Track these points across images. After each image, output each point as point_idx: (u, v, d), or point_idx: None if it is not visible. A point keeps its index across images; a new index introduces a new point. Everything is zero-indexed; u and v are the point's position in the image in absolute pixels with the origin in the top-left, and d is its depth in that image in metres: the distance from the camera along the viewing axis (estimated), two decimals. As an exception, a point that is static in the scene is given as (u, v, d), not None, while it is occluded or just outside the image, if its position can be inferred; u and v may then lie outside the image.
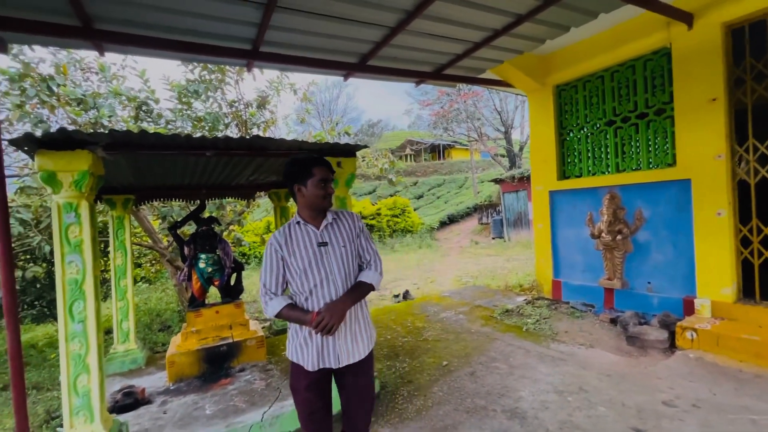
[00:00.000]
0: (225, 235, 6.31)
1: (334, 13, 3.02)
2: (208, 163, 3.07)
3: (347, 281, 1.84)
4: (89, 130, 4.70)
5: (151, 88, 5.48)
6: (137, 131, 2.28)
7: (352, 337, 1.86)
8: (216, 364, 3.79)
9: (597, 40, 4.81)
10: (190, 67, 5.52)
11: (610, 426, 2.60)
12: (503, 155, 24.29)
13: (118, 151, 2.41)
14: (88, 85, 5.32)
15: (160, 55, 3.41)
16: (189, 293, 4.26)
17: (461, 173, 32.21)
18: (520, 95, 7.53)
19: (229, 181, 4.01)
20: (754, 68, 3.76)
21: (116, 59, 7.56)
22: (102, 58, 4.96)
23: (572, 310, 5.01)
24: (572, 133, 5.44)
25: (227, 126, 6.10)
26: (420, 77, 4.52)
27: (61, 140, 2.18)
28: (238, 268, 4.37)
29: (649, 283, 4.56)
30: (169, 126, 5.66)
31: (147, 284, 8.83)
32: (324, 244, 1.83)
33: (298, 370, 1.86)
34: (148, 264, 8.23)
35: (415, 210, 22.04)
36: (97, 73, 5.33)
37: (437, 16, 3.21)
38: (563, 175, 5.54)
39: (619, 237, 4.68)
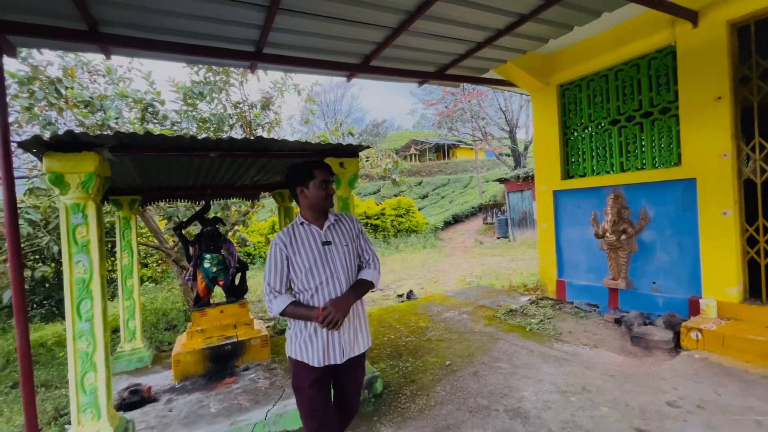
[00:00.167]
0: (230, 235, 6.35)
1: (336, 15, 3.05)
2: (213, 164, 3.10)
3: (350, 279, 1.94)
4: (96, 132, 4.78)
5: (156, 90, 5.54)
6: (143, 133, 2.31)
7: (354, 332, 1.96)
8: (221, 363, 3.83)
9: (601, 39, 4.79)
10: (195, 69, 5.57)
11: (613, 426, 2.60)
12: (508, 155, 24.20)
13: (124, 153, 2.45)
14: (96, 88, 5.40)
15: (166, 58, 3.46)
16: (194, 293, 4.31)
17: (466, 173, 32.12)
18: (525, 95, 7.50)
19: (234, 181, 4.05)
20: (760, 66, 3.72)
21: (122, 62, 7.71)
22: (108, 61, 5.03)
23: (576, 310, 4.99)
24: (576, 133, 5.41)
25: (232, 127, 6.15)
26: (423, 77, 4.53)
27: (69, 142, 2.22)
28: (242, 268, 4.41)
29: (654, 283, 4.53)
30: (175, 127, 5.71)
31: (153, 284, 8.91)
32: (328, 243, 1.92)
33: (302, 368, 1.90)
34: (155, 264, 8.31)
35: (420, 210, 22.02)
36: (104, 76, 5.40)
37: (439, 17, 3.22)
38: (567, 174, 5.52)
39: (623, 237, 4.65)
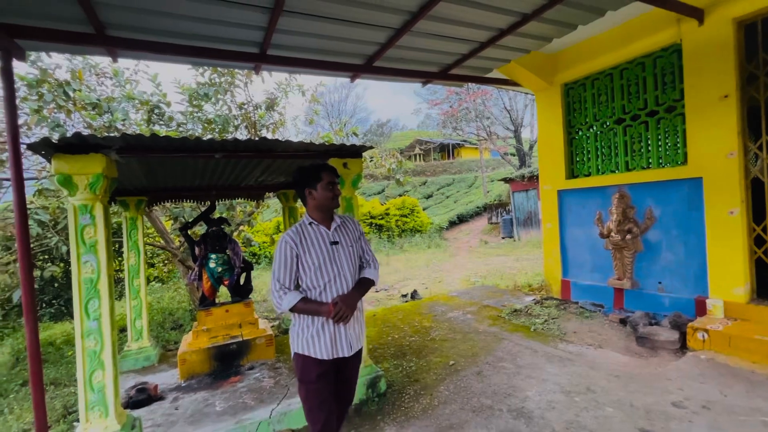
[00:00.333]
0: (235, 235, 6.40)
1: (339, 16, 3.06)
2: (218, 164, 3.14)
3: (354, 277, 2.09)
4: (104, 133, 4.84)
5: (162, 92, 5.59)
6: (149, 134, 2.34)
7: (359, 327, 2.13)
8: (226, 362, 3.86)
9: (605, 37, 4.76)
10: (201, 70, 5.62)
11: (618, 427, 2.59)
12: (513, 154, 24.12)
13: (131, 154, 2.48)
14: (103, 90, 5.46)
15: (171, 60, 3.49)
16: (200, 292, 4.35)
17: (471, 172, 32.04)
18: (529, 94, 7.47)
19: (239, 182, 4.08)
20: (767, 64, 3.69)
21: (129, 64, 7.78)
22: (115, 64, 5.08)
23: (581, 310, 4.97)
24: (581, 132, 5.39)
25: (237, 128, 6.19)
26: (426, 77, 4.53)
27: (77, 144, 2.26)
28: (247, 267, 4.45)
29: (660, 283, 4.49)
30: (181, 128, 5.76)
31: (160, 284, 8.99)
32: (336, 243, 2.05)
33: (309, 362, 1.98)
34: (161, 264, 8.40)
35: (425, 210, 22.00)
36: (111, 78, 5.46)
37: (441, 17, 3.22)
38: (572, 174, 5.49)
39: (628, 236, 4.63)
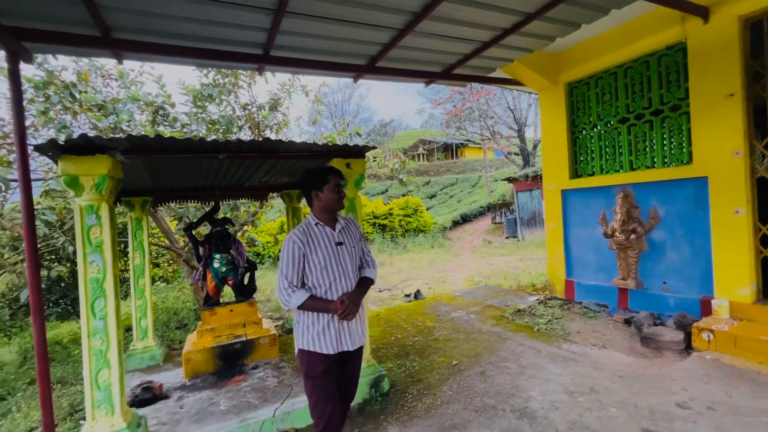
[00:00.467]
0: (239, 235, 6.43)
1: (342, 17, 3.07)
2: (222, 165, 3.15)
3: (356, 276, 2.19)
4: (109, 135, 4.88)
5: (167, 93, 5.63)
6: (154, 135, 2.37)
7: (361, 323, 2.23)
8: (230, 361, 3.89)
9: (609, 36, 4.74)
10: (205, 71, 5.65)
11: (621, 427, 2.58)
12: (517, 154, 24.03)
13: (136, 155, 2.51)
14: (108, 92, 5.51)
15: (176, 62, 3.51)
16: (204, 292, 4.38)
17: (474, 172, 31.97)
18: (533, 93, 7.45)
19: (243, 182, 4.10)
20: (774, 62, 3.66)
21: (134, 66, 7.85)
22: (121, 66, 5.13)
23: (585, 311, 4.95)
24: (584, 131, 5.36)
25: (241, 128, 6.22)
26: (429, 77, 4.52)
27: (83, 146, 2.29)
28: (251, 267, 4.47)
29: (665, 283, 4.47)
30: (185, 129, 5.80)
31: (165, 283, 9.05)
32: (340, 243, 2.15)
33: (315, 358, 2.06)
34: (166, 264, 8.45)
35: (428, 209, 21.98)
36: (117, 80, 5.51)
37: (444, 17, 3.22)
38: (576, 173, 5.47)
39: (633, 236, 4.60)
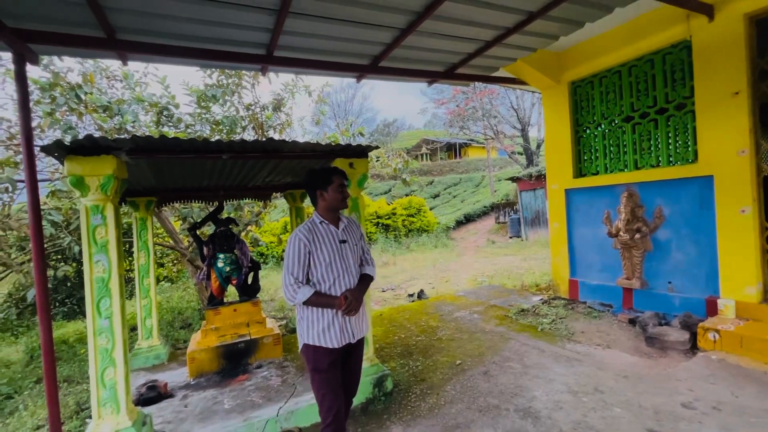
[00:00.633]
0: (242, 235, 6.46)
1: (345, 17, 3.07)
2: (226, 165, 3.17)
3: (358, 273, 2.27)
4: (114, 135, 4.92)
5: (171, 94, 5.67)
6: (158, 136, 2.39)
7: (362, 317, 2.30)
8: (234, 361, 3.90)
9: (613, 34, 4.71)
10: (209, 72, 5.68)
11: (626, 427, 2.57)
12: (520, 153, 23.96)
13: (141, 156, 2.52)
14: (113, 93, 5.55)
15: (180, 62, 3.54)
16: (208, 292, 4.40)
17: (478, 172, 31.87)
18: (536, 92, 7.42)
19: (246, 182, 4.12)
20: (780, 60, 3.63)
21: (139, 67, 7.88)
22: (125, 67, 5.17)
23: (589, 310, 4.92)
24: (588, 130, 5.34)
25: (244, 129, 6.24)
26: (432, 77, 4.52)
27: (88, 146, 2.31)
28: (255, 267, 4.49)
29: (670, 283, 4.44)
30: (189, 130, 5.83)
31: (169, 283, 9.10)
32: (344, 241, 2.23)
33: (321, 352, 2.12)
34: (170, 264, 8.50)
35: (431, 209, 21.94)
36: (121, 81, 5.55)
37: (447, 16, 3.21)
38: (579, 173, 5.45)
39: (637, 236, 4.58)
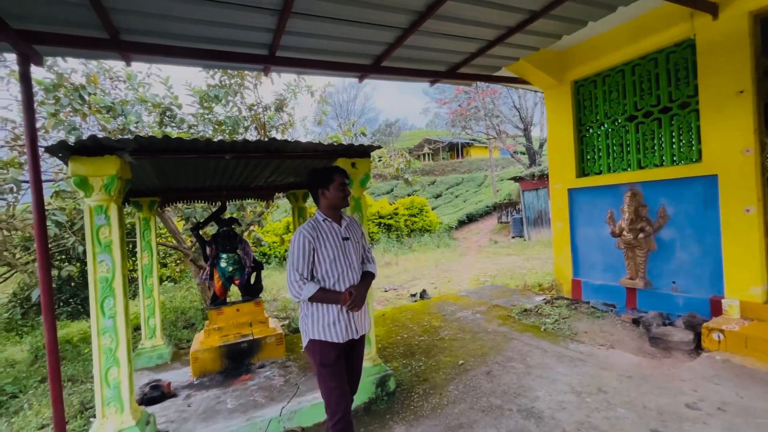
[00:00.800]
0: (245, 235, 6.47)
1: (347, 17, 3.07)
2: (228, 165, 3.18)
3: (360, 269, 2.31)
4: (118, 136, 4.94)
5: (174, 95, 5.68)
6: (161, 136, 2.39)
7: (364, 314, 2.34)
8: (237, 361, 3.91)
9: (616, 33, 4.69)
10: (211, 73, 5.69)
11: (630, 428, 2.56)
12: (523, 153, 23.90)
13: (144, 156, 2.54)
14: (117, 93, 5.57)
15: (183, 63, 3.55)
16: (211, 292, 4.41)
17: (480, 172, 31.83)
18: (539, 92, 7.40)
19: (249, 182, 4.13)
20: (785, 58, 3.60)
21: (142, 68, 7.91)
22: (129, 68, 5.19)
23: (592, 310, 4.90)
24: (591, 130, 5.32)
25: (247, 129, 6.26)
26: (434, 77, 4.51)
27: (92, 147, 2.32)
28: (257, 267, 4.50)
29: (674, 283, 4.41)
30: (192, 130, 5.85)
31: (172, 283, 9.13)
32: (347, 239, 2.27)
33: (327, 347, 2.15)
34: (173, 264, 8.51)
35: (434, 209, 21.92)
36: (125, 82, 5.57)
37: (449, 16, 3.21)
38: (582, 172, 5.43)
39: (641, 235, 4.56)
